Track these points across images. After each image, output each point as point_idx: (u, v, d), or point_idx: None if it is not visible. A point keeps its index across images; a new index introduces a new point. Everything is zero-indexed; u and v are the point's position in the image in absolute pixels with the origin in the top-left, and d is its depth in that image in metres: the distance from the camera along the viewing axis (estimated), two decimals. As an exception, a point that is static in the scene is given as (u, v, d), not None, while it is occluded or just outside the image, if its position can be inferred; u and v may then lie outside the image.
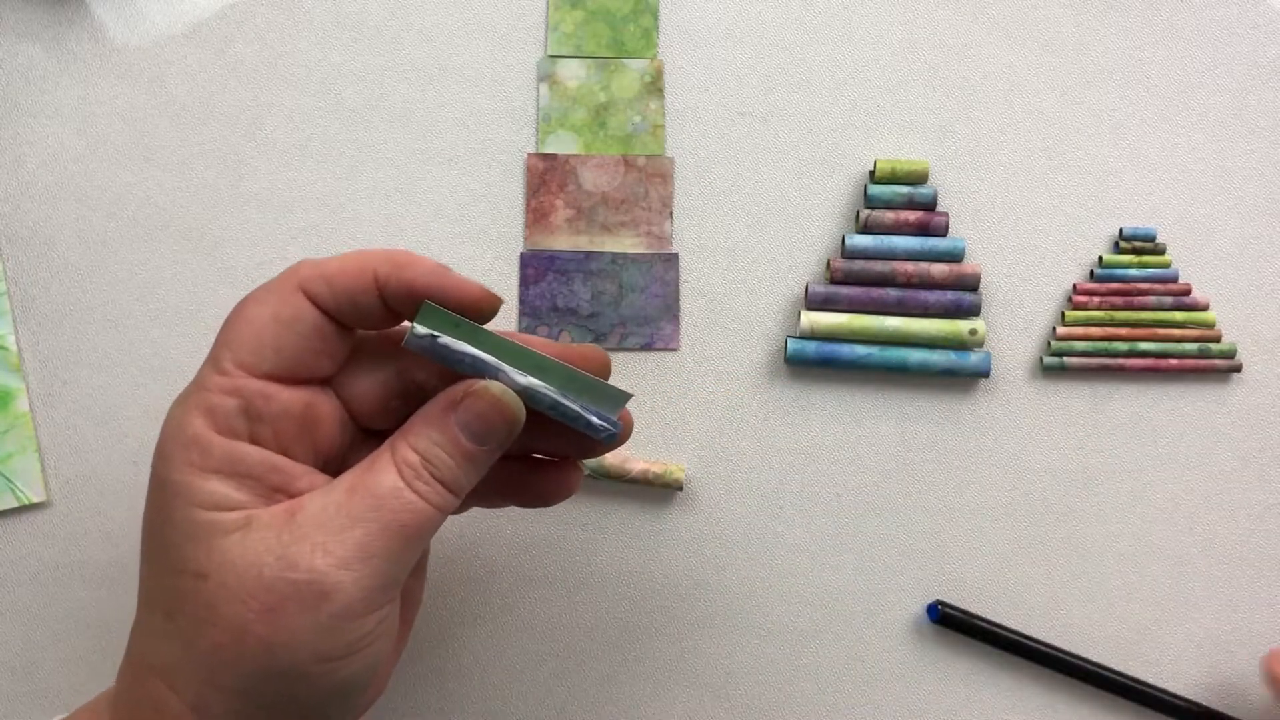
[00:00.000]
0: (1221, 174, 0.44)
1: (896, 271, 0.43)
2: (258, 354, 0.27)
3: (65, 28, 0.43)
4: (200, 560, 0.26)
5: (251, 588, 0.26)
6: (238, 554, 0.26)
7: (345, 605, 0.26)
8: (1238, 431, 0.44)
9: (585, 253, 0.44)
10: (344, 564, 0.26)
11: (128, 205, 0.43)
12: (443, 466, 0.28)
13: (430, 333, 0.28)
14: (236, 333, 0.28)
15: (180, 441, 0.27)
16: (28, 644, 0.42)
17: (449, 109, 0.44)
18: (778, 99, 0.44)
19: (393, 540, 0.27)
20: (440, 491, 0.28)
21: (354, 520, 0.26)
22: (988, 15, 0.44)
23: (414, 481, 0.27)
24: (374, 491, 0.27)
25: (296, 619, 0.25)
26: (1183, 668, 0.43)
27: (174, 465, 0.27)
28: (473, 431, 0.28)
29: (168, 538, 0.27)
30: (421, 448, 0.28)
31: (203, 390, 0.27)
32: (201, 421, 0.27)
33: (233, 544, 0.26)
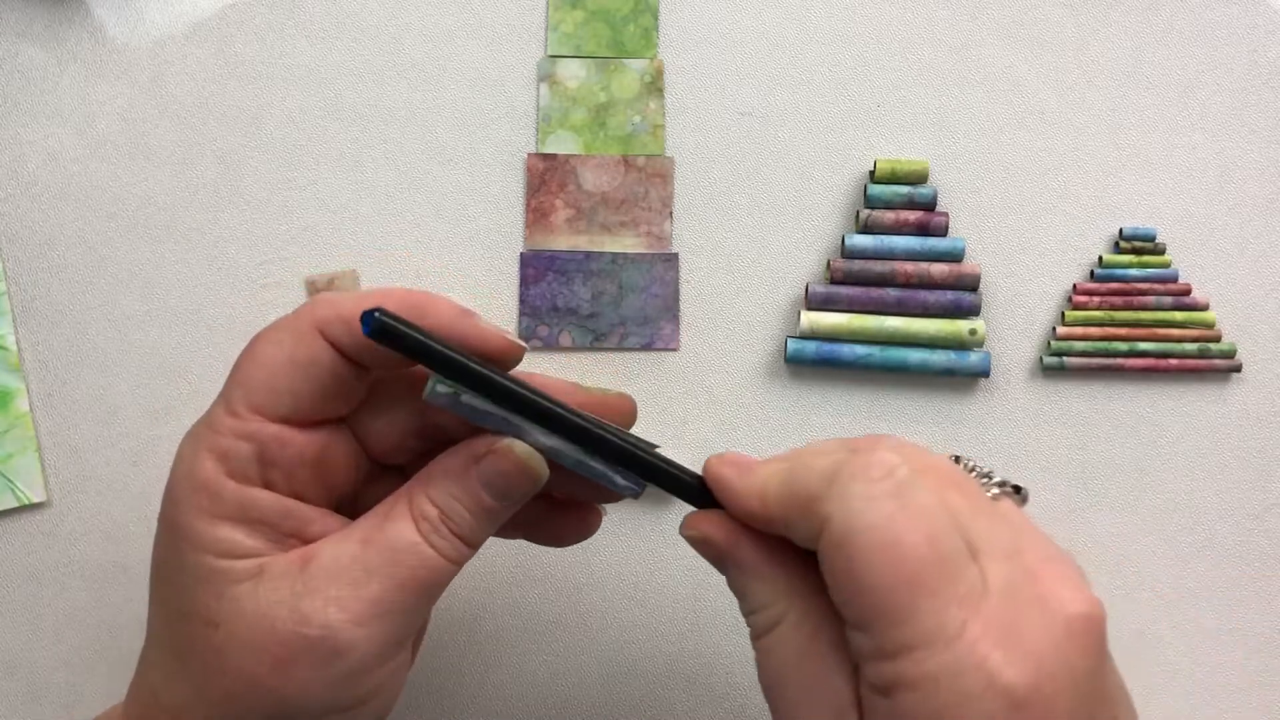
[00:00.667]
0: (1221, 174, 0.44)
1: (896, 271, 0.43)
2: (273, 398, 0.26)
3: (65, 28, 0.43)
4: (211, 608, 0.26)
5: (263, 640, 0.25)
6: (249, 604, 0.25)
7: (359, 661, 0.26)
8: (1238, 431, 0.44)
9: (585, 253, 0.44)
10: (358, 620, 0.25)
11: (128, 205, 0.43)
12: (461, 522, 0.27)
13: (452, 390, 0.26)
14: (250, 374, 0.27)
15: (191, 485, 0.26)
16: (27, 644, 0.42)
17: (449, 109, 0.44)
18: (778, 99, 0.44)
19: (408, 596, 0.26)
20: (457, 546, 0.27)
21: (369, 574, 0.26)
22: (988, 15, 0.44)
23: (431, 535, 0.27)
24: (391, 545, 0.26)
25: (309, 673, 0.25)
26: (1183, 667, 0.43)
27: (184, 510, 0.26)
28: (495, 489, 0.27)
29: (178, 582, 0.26)
30: (441, 501, 0.27)
31: (214, 433, 0.26)
32: (213, 465, 0.26)
33: (244, 593, 0.26)
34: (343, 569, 0.26)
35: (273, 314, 0.42)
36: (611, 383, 0.44)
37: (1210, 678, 0.43)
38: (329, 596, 0.25)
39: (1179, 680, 0.43)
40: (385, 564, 0.26)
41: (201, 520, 0.26)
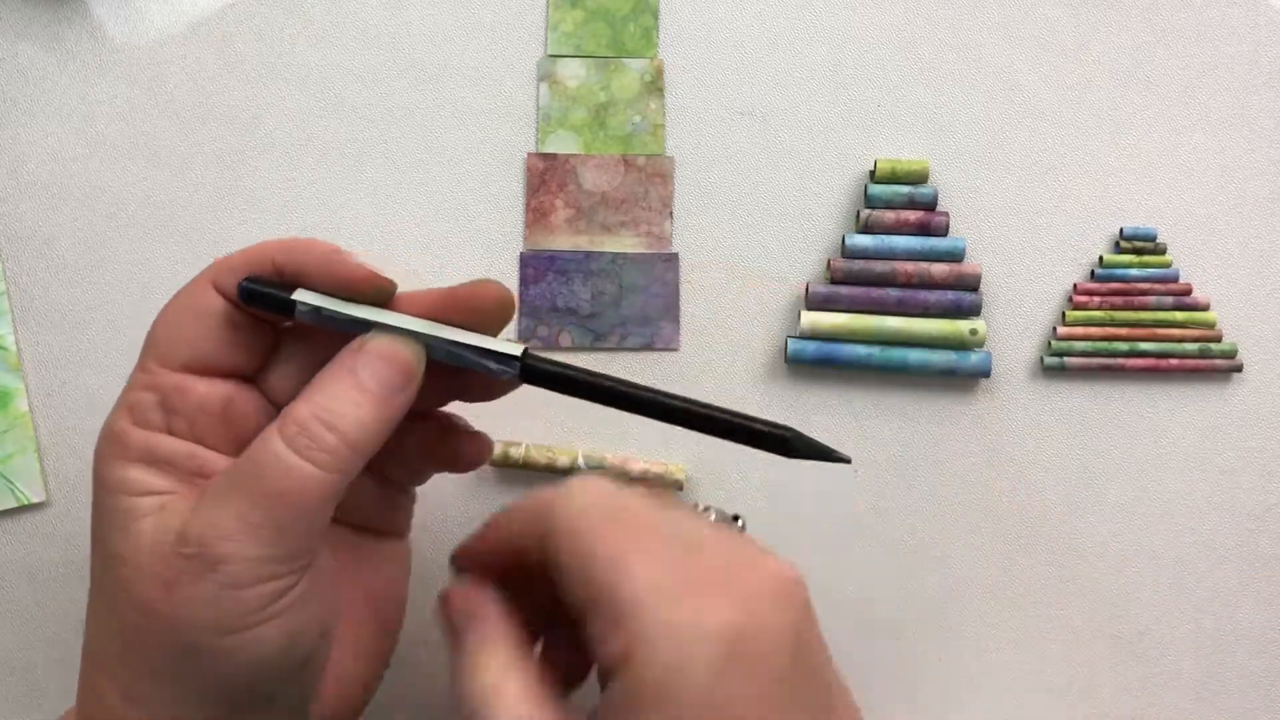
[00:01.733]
0: (1222, 173, 0.44)
1: (897, 271, 0.43)
2: (171, 347, 0.28)
3: (65, 27, 0.43)
4: (118, 544, 0.27)
5: (155, 566, 0.26)
6: (148, 535, 0.26)
7: (232, 576, 0.26)
8: (1238, 431, 0.44)
9: (585, 253, 0.44)
10: (227, 535, 0.26)
11: (128, 205, 0.43)
12: (338, 410, 0.27)
13: (314, 305, 0.28)
14: (154, 332, 0.29)
15: (106, 438, 0.28)
16: (26, 644, 0.42)
17: (449, 109, 0.44)
18: (778, 99, 0.44)
19: (273, 507, 0.26)
20: (329, 443, 0.26)
21: (233, 489, 0.26)
22: (988, 15, 0.44)
23: (295, 439, 0.26)
24: (253, 457, 0.26)
25: (191, 591, 0.26)
26: (1183, 667, 0.43)
27: (100, 460, 0.28)
28: (375, 374, 0.27)
29: (97, 529, 0.28)
30: (317, 399, 0.27)
31: (126, 391, 0.28)
32: (123, 418, 0.28)
33: (145, 526, 0.26)
34: (216, 490, 0.26)
35: (272, 314, 0.43)
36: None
37: (1210, 678, 0.43)
38: (203, 516, 0.26)
39: (1179, 680, 0.43)
40: (247, 475, 0.26)
41: (112, 465, 0.27)
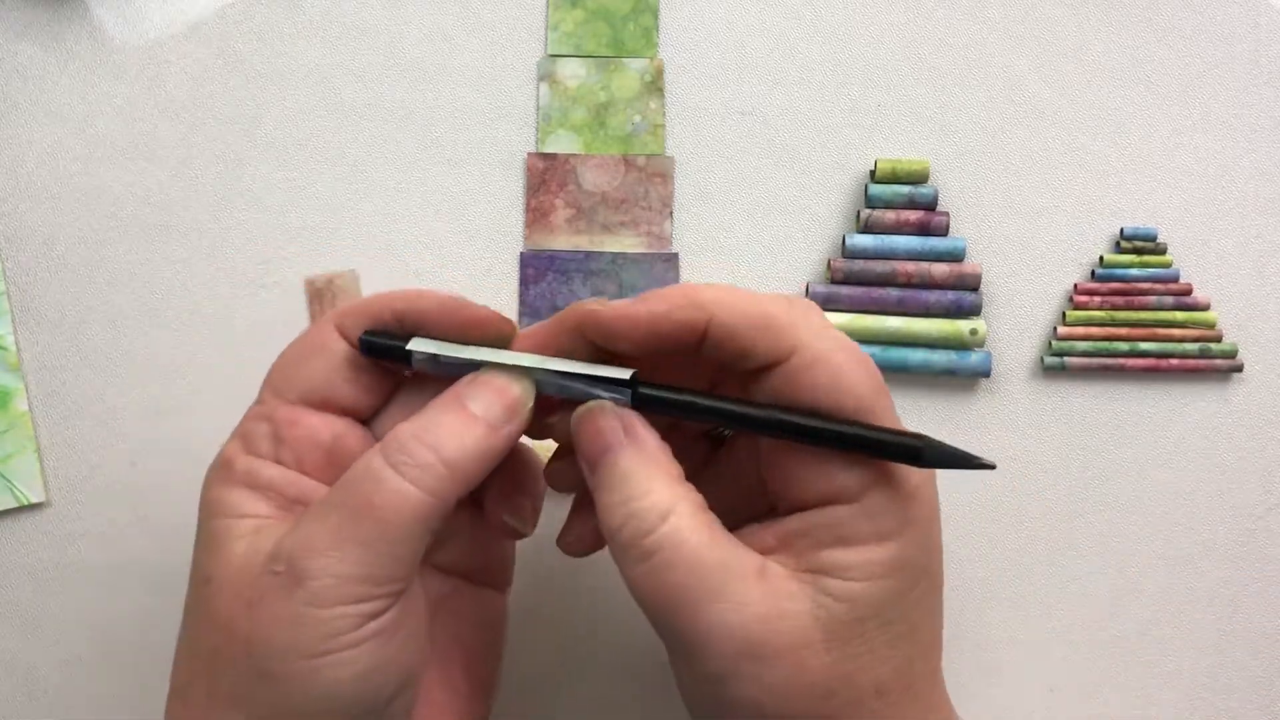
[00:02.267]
0: (1223, 173, 0.44)
1: (897, 271, 0.43)
2: (289, 381, 0.29)
3: (64, 27, 0.43)
4: (210, 565, 0.26)
5: (241, 585, 0.25)
6: (239, 555, 0.26)
7: (315, 592, 0.24)
8: (1239, 432, 0.44)
9: (585, 253, 0.44)
10: (315, 550, 0.25)
11: (128, 205, 0.43)
12: (442, 434, 0.26)
13: (431, 352, 0.28)
14: (275, 368, 0.29)
15: (217, 464, 0.29)
16: (26, 644, 0.42)
17: (449, 109, 0.44)
18: (778, 99, 0.44)
19: (364, 523, 0.25)
20: (429, 462, 0.26)
21: (328, 505, 0.26)
22: (988, 15, 0.44)
23: (395, 457, 0.26)
24: (352, 474, 0.26)
25: (273, 609, 0.25)
26: (1183, 667, 0.43)
27: (207, 485, 0.28)
28: (481, 404, 0.27)
29: (195, 553, 0.27)
30: (421, 420, 0.26)
31: (242, 422, 0.29)
32: (235, 445, 0.29)
33: (239, 546, 0.26)
34: (314, 510, 0.26)
35: (273, 314, 0.43)
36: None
37: (1210, 678, 0.43)
38: (295, 534, 0.26)
39: (1179, 680, 0.43)
40: (343, 492, 0.26)
41: (214, 488, 0.28)
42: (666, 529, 0.25)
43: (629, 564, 0.26)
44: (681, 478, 0.27)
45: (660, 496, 0.26)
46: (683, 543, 0.25)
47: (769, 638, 0.25)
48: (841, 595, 0.25)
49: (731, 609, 0.25)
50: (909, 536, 0.26)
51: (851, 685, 0.25)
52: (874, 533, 0.26)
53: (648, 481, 0.26)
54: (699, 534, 0.25)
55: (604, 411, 0.27)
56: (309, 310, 0.43)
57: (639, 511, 0.26)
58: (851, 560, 0.25)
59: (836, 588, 0.25)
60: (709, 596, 0.25)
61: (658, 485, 0.26)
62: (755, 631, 0.25)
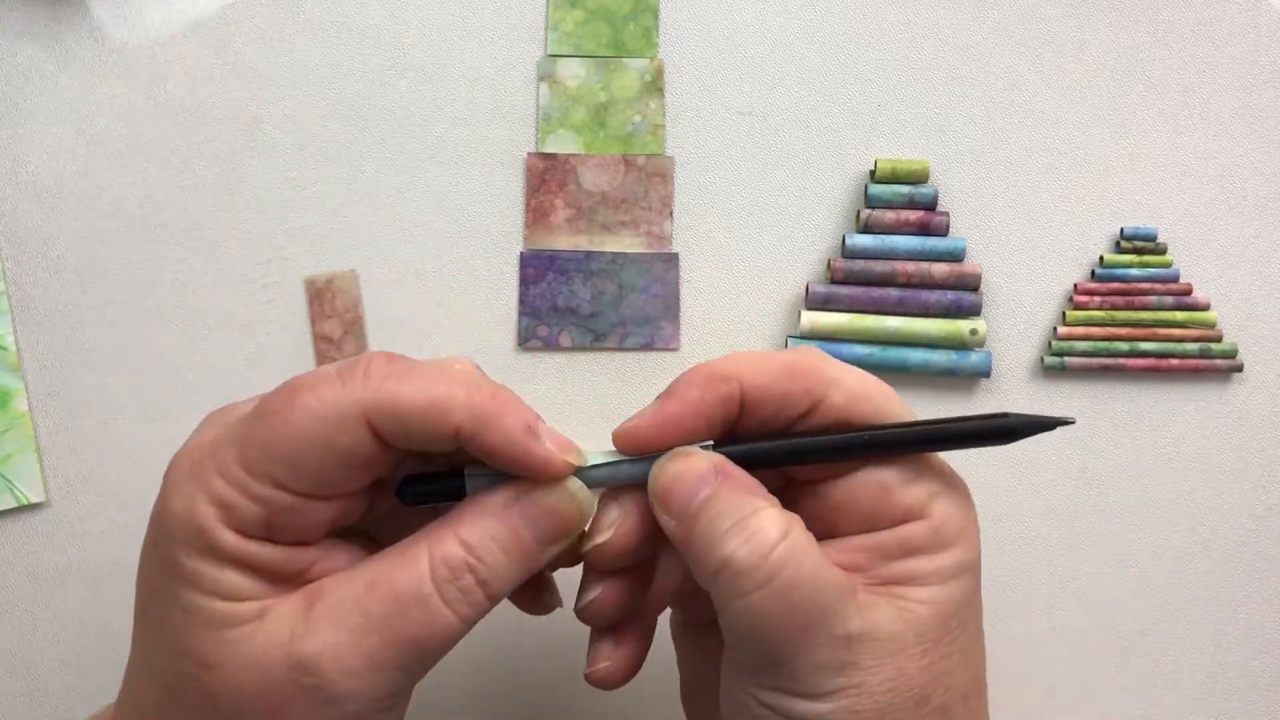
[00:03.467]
0: (1223, 174, 0.44)
1: (897, 271, 0.43)
2: (296, 476, 0.24)
3: (64, 27, 0.43)
4: (207, 650, 0.24)
5: (258, 686, 0.24)
6: (246, 648, 0.24)
7: (353, 712, 0.24)
8: (1239, 431, 0.44)
9: (585, 252, 0.44)
10: (353, 672, 0.24)
11: (128, 205, 0.43)
12: (493, 565, 0.25)
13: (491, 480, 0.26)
14: (278, 442, 0.24)
15: (190, 527, 0.24)
16: (26, 644, 0.42)
17: (449, 109, 0.44)
18: (778, 99, 0.44)
19: (409, 652, 0.24)
20: (477, 599, 0.25)
21: (370, 623, 0.24)
22: (988, 15, 0.44)
23: (445, 586, 0.25)
24: (399, 595, 0.24)
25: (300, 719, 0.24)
26: (1183, 668, 0.43)
27: (181, 549, 0.24)
28: (538, 528, 0.26)
29: (172, 618, 0.25)
30: (472, 540, 0.25)
31: (222, 480, 0.24)
32: (214, 513, 0.24)
33: (243, 635, 0.24)
34: (345, 614, 0.24)
35: (272, 314, 0.43)
36: (611, 383, 0.44)
37: (1210, 678, 0.43)
38: (326, 643, 0.24)
39: (1179, 680, 0.43)
40: (389, 614, 0.24)
41: (200, 562, 0.24)
42: (787, 544, 0.25)
43: (746, 591, 0.24)
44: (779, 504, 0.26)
45: (773, 513, 0.25)
46: (805, 557, 0.25)
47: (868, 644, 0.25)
48: (923, 599, 0.26)
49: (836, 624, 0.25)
50: (969, 536, 0.27)
51: (945, 689, 0.26)
52: (942, 541, 0.26)
53: (757, 501, 0.26)
54: (814, 552, 0.25)
55: (688, 453, 0.26)
56: (309, 310, 0.43)
57: (758, 527, 0.25)
58: (925, 568, 0.26)
59: (915, 593, 0.26)
60: (822, 617, 0.25)
61: (766, 504, 0.26)
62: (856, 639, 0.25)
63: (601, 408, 0.43)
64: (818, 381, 0.27)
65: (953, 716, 0.26)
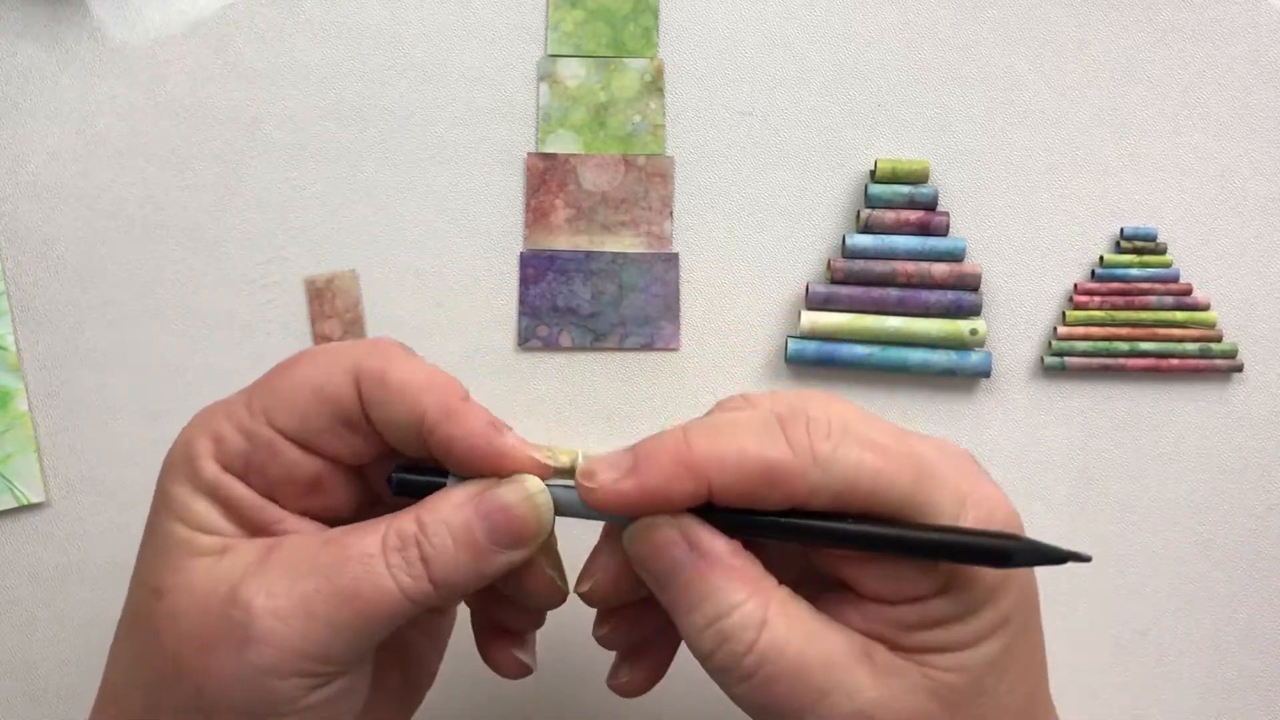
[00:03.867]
0: (1223, 174, 0.44)
1: (897, 271, 0.43)
2: (283, 411, 0.26)
3: (64, 27, 0.43)
4: (162, 575, 0.25)
5: (197, 617, 0.24)
6: (199, 578, 0.25)
7: (268, 659, 0.24)
8: (1239, 431, 0.44)
9: (585, 252, 0.44)
10: (279, 614, 0.24)
11: (128, 205, 0.43)
12: (440, 547, 0.25)
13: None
14: (276, 382, 0.27)
15: (183, 454, 0.26)
16: (26, 644, 0.42)
17: (449, 109, 0.44)
18: (778, 99, 0.44)
19: (341, 607, 0.24)
20: (418, 575, 0.25)
21: (312, 570, 0.24)
22: (988, 15, 0.44)
23: (391, 553, 0.25)
24: (345, 550, 0.25)
25: (224, 661, 0.24)
26: (1183, 668, 0.43)
27: (170, 475, 0.26)
28: (491, 523, 0.26)
29: (147, 546, 0.26)
30: (426, 520, 0.25)
31: (223, 417, 0.27)
32: (206, 443, 0.26)
33: (200, 566, 0.25)
34: (295, 560, 0.25)
35: (272, 314, 0.43)
36: (611, 383, 0.44)
37: (1210, 678, 0.43)
38: (266, 580, 0.24)
39: (1179, 680, 0.43)
40: (331, 565, 0.24)
41: (181, 487, 0.26)
42: (763, 642, 0.24)
43: (730, 684, 0.24)
44: (761, 573, 0.25)
45: (748, 608, 0.24)
46: (783, 651, 0.24)
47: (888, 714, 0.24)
48: (951, 667, 0.24)
49: (848, 698, 0.24)
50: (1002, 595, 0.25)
51: None
52: (966, 609, 0.25)
53: (731, 595, 0.24)
54: (797, 635, 0.24)
55: (658, 526, 0.25)
56: (309, 310, 0.43)
57: (731, 631, 0.24)
58: (949, 638, 0.25)
59: (944, 661, 0.24)
60: (820, 695, 0.24)
61: (741, 595, 0.24)
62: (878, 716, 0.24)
63: (601, 408, 0.43)
64: (797, 488, 0.24)
65: None
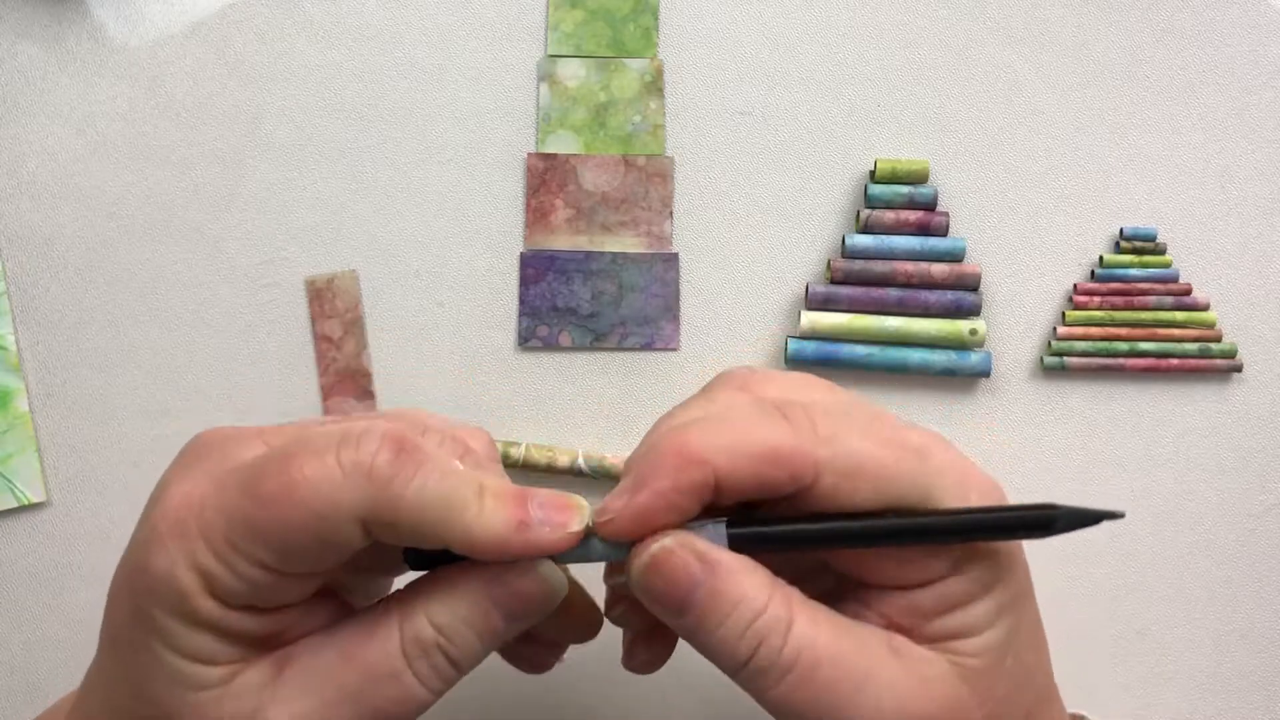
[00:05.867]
0: (1222, 174, 0.44)
1: (897, 271, 0.43)
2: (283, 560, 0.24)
3: (65, 27, 0.43)
4: (173, 708, 0.24)
5: None
6: (212, 710, 0.24)
7: None
8: (1238, 431, 0.44)
9: (585, 253, 0.44)
10: None
11: (128, 205, 0.43)
12: (462, 645, 0.25)
13: None
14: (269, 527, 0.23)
15: (171, 590, 0.24)
16: (27, 644, 0.42)
17: (449, 109, 0.44)
18: (778, 99, 0.44)
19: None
20: (446, 674, 0.25)
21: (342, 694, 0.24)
22: (988, 15, 0.44)
23: (417, 662, 0.25)
24: (370, 670, 0.24)
25: None
26: (1183, 668, 0.43)
27: (159, 607, 0.24)
28: (509, 610, 0.25)
29: (141, 663, 0.25)
30: (442, 621, 0.25)
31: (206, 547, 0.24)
32: (196, 581, 0.24)
33: (209, 701, 0.24)
34: (317, 684, 0.24)
35: (273, 314, 0.43)
36: (611, 383, 0.44)
37: (1210, 678, 0.43)
38: (296, 709, 0.24)
39: (1179, 680, 0.43)
40: (361, 687, 0.24)
41: (177, 623, 0.24)
42: (796, 633, 0.24)
43: (770, 685, 0.24)
44: (772, 576, 0.25)
45: (775, 606, 0.24)
46: (816, 640, 0.24)
47: (928, 708, 0.24)
48: (972, 650, 0.25)
49: (885, 691, 0.24)
50: (1009, 570, 0.26)
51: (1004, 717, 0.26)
52: (981, 588, 0.25)
53: (755, 598, 0.24)
54: (824, 629, 0.25)
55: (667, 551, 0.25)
56: (309, 310, 0.43)
57: (765, 631, 0.24)
58: (969, 620, 0.25)
59: (964, 646, 0.25)
60: (858, 685, 0.24)
61: (763, 595, 0.25)
62: (914, 707, 0.24)
63: (601, 408, 0.44)
64: (804, 466, 0.24)
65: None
